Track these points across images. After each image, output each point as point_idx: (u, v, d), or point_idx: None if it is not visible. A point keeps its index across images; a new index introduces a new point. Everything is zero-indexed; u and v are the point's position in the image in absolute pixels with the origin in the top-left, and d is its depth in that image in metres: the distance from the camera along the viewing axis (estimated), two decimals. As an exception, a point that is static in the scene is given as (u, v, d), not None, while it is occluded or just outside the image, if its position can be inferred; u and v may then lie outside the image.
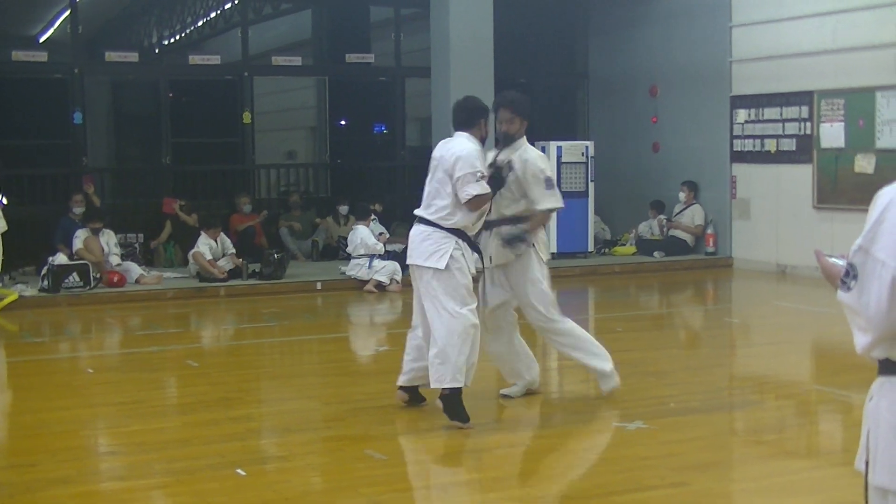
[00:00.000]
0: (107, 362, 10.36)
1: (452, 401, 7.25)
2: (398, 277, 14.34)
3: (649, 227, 17.59)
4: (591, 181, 16.77)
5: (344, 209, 17.14)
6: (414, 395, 7.78)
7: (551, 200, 7.68)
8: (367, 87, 19.30)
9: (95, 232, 14.49)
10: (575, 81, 20.11)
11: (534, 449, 7.10)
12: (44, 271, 13.78)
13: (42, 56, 16.92)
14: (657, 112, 18.09)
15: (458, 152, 7.27)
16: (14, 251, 14.13)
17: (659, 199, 17.58)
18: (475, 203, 7.24)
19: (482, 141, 7.53)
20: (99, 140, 17.97)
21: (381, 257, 14.57)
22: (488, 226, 7.66)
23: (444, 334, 7.16)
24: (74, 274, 13.73)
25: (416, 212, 7.45)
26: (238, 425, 7.43)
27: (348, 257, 14.96)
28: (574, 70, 20.08)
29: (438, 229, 7.28)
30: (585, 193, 16.71)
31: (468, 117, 7.52)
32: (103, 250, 14.46)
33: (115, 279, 14.08)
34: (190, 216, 16.51)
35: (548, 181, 7.67)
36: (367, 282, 14.30)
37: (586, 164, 16.70)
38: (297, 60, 18.61)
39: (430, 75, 16.19)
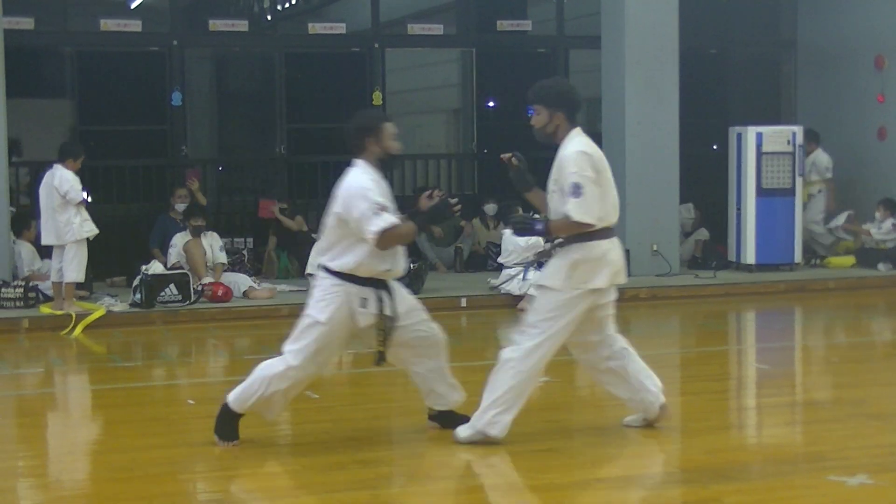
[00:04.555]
0: (210, 392, 10.47)
1: None
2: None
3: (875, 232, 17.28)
4: (800, 175, 16.52)
5: (492, 209, 17.17)
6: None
7: (575, 210, 7.65)
8: (522, 61, 19.29)
9: (197, 233, 14.65)
10: (780, 51, 19.85)
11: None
12: (136, 282, 14.00)
13: (135, 25, 17.32)
14: (884, 89, 17.77)
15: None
16: (101, 258, 14.43)
17: (890, 196, 17.18)
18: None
19: (381, 161, 7.76)
20: (200, 126, 18.33)
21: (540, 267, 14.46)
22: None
23: None
24: (171, 286, 13.94)
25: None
26: (367, 470, 7.48)
27: (499, 268, 14.97)
28: (779, 37, 19.83)
29: None
30: (792, 191, 16.49)
31: (350, 140, 7.80)
32: (205, 254, 14.62)
33: (220, 292, 14.23)
34: (294, 219, 16.60)
35: (574, 188, 7.67)
36: (521, 297, 14.28)
37: (793, 154, 16.46)
38: (437, 29, 18.74)
39: (599, 46, 16.12)
